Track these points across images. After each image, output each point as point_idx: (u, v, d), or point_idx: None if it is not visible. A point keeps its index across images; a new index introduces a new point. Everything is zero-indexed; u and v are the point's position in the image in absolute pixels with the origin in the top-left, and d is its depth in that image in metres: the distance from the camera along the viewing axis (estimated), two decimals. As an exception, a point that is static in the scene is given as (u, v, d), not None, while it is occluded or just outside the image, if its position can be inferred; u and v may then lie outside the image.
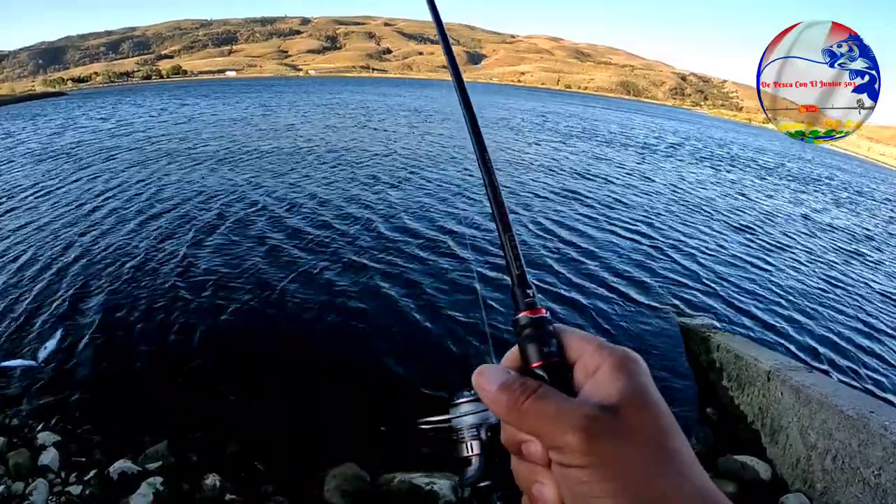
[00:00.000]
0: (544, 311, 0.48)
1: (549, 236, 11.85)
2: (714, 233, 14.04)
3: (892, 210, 25.01)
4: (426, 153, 21.85)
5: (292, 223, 11.64)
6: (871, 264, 13.78)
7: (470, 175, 17.39)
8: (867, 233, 18.10)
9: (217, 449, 5.00)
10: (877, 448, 3.74)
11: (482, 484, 0.52)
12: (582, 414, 0.39)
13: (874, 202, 26.90)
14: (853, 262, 13.73)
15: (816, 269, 12.33)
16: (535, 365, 0.45)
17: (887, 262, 14.30)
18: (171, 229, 11.08)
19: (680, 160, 29.24)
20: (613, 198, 16.65)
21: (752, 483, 4.76)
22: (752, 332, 8.36)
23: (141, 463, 4.58)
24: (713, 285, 10.10)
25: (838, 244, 15.40)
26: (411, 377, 6.39)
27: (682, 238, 13.04)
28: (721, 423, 5.88)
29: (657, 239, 12.62)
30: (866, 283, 12.00)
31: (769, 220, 16.99)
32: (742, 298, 9.68)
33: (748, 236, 14.25)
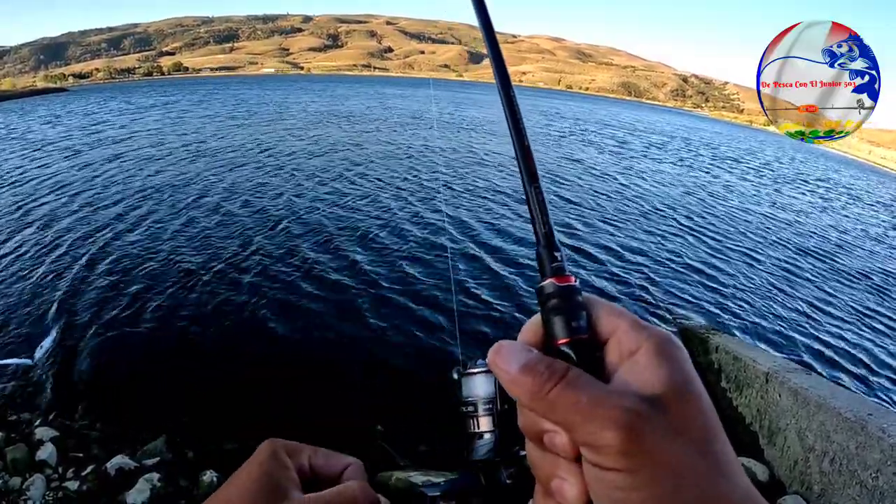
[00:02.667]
0: (573, 278, 0.40)
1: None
2: (712, 234, 14.04)
3: (891, 213, 25.05)
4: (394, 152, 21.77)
5: (288, 222, 11.61)
6: (870, 266, 13.79)
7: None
8: (866, 234, 18.14)
9: (214, 445, 4.99)
10: (874, 451, 3.74)
11: (491, 460, 0.47)
12: (623, 407, 0.33)
13: (873, 204, 26.93)
14: (853, 264, 13.73)
15: (816, 271, 12.33)
16: (561, 342, 0.38)
17: (886, 264, 14.33)
18: (168, 225, 11.04)
19: (676, 160, 29.23)
20: (612, 195, 16.68)
21: (750, 485, 4.75)
22: (750, 333, 8.36)
23: (138, 459, 4.57)
24: (712, 286, 10.10)
25: (837, 246, 15.42)
26: (409, 374, 6.39)
27: (682, 238, 13.04)
28: (719, 425, 5.88)
29: (656, 239, 12.62)
30: (866, 286, 12.02)
31: (767, 221, 17.01)
32: (741, 299, 9.68)
33: (747, 238, 14.25)
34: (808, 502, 4.28)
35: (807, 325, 9.08)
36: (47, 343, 6.53)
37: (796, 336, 8.63)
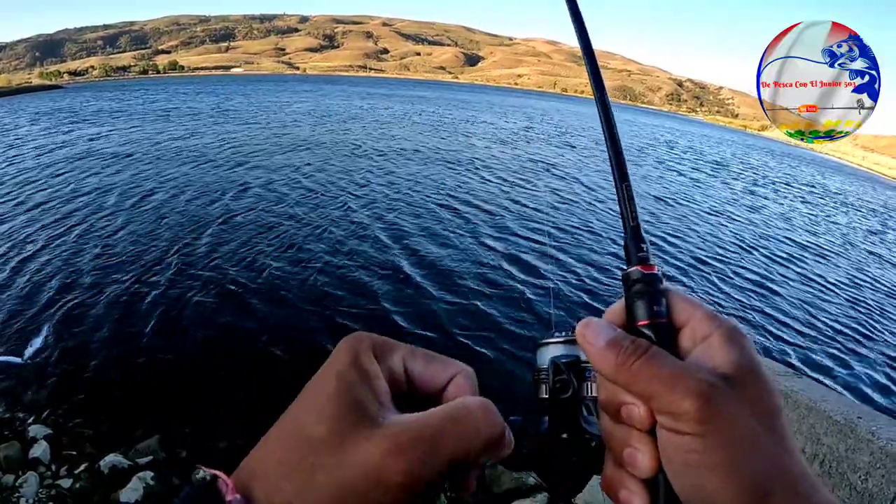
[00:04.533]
0: (656, 267, 0.44)
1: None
2: (706, 236, 14.11)
3: (883, 217, 25.25)
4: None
5: (283, 220, 11.61)
6: (861, 270, 13.90)
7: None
8: (858, 238, 18.27)
9: (208, 444, 4.99)
10: (864, 453, 3.76)
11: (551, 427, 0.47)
12: (700, 379, 0.36)
13: (863, 209, 27.13)
14: (844, 267, 13.85)
15: (807, 274, 12.42)
16: (641, 323, 0.42)
17: (877, 268, 14.45)
18: (160, 224, 11.02)
19: (672, 165, 29.36)
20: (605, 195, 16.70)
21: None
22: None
23: (132, 457, 4.58)
24: (704, 289, 10.14)
25: (829, 249, 15.53)
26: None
27: (673, 241, 13.10)
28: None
29: (655, 242, 12.60)
30: (857, 289, 12.11)
31: (760, 224, 17.10)
32: (733, 303, 9.73)
33: (739, 240, 14.33)
34: (798, 504, 4.29)
35: (797, 329, 9.14)
36: (37, 342, 6.51)
37: (786, 339, 8.68)
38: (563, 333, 0.49)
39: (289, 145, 22.23)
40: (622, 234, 0.46)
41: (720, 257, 12.49)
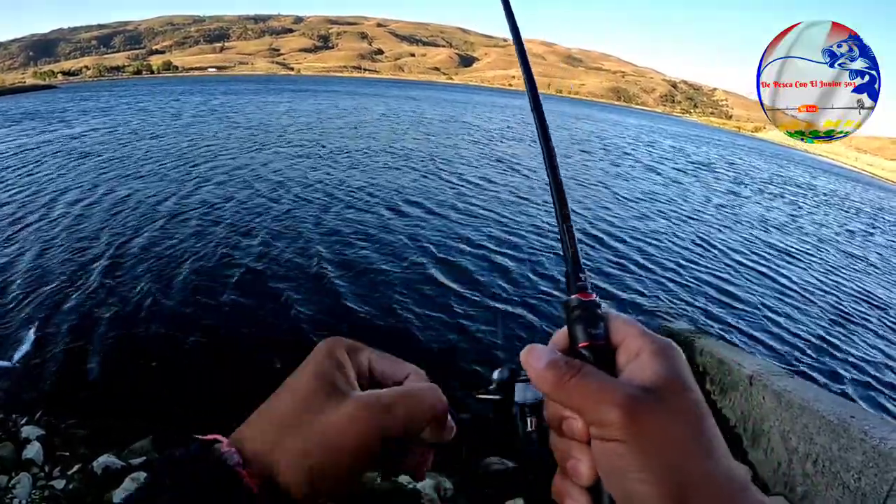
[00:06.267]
0: (594, 295, 0.49)
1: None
2: (698, 238, 14.16)
3: (872, 218, 25.43)
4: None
5: (278, 218, 11.59)
6: (854, 270, 14.00)
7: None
8: (852, 239, 18.39)
9: (202, 445, 4.94)
10: (857, 452, 3.78)
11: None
12: (624, 392, 0.41)
13: (854, 210, 27.31)
14: (836, 267, 13.93)
15: (799, 275, 12.47)
16: (582, 345, 0.47)
17: (870, 269, 14.56)
18: (154, 223, 10.94)
19: (669, 167, 29.46)
20: (603, 198, 16.76)
21: (734, 486, 4.78)
22: (735, 336, 8.43)
23: (125, 458, 4.54)
24: (697, 289, 10.19)
25: (824, 249, 15.63)
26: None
27: (667, 242, 13.15)
28: (704, 427, 5.90)
29: (641, 243, 12.70)
30: (850, 289, 12.19)
31: (753, 225, 17.18)
32: (725, 302, 9.77)
33: (732, 241, 14.39)
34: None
35: (791, 329, 9.18)
36: (26, 346, 6.45)
37: (780, 339, 8.72)
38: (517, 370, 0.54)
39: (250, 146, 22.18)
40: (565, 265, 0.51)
41: (708, 254, 12.58)
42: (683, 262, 11.76)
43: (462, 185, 16.69)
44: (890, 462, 3.55)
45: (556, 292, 8.96)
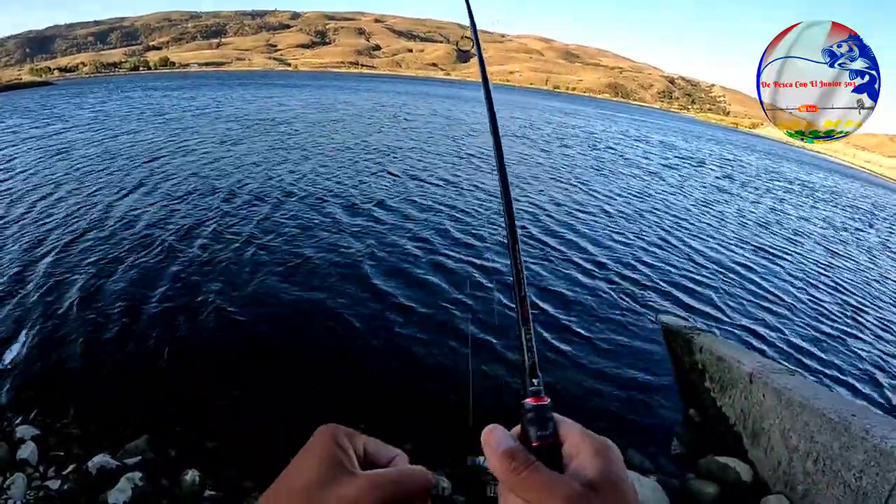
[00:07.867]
0: (547, 398, 0.58)
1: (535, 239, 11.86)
2: (698, 235, 14.16)
3: (870, 215, 25.45)
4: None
5: (275, 217, 11.54)
6: (853, 267, 14.00)
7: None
8: (849, 236, 18.39)
9: (197, 444, 4.96)
10: (858, 451, 3.77)
11: None
12: (568, 487, 0.47)
13: (851, 207, 27.34)
14: (836, 264, 13.93)
15: (799, 272, 12.47)
16: (534, 444, 0.54)
17: (870, 266, 14.55)
18: (148, 221, 10.90)
19: (668, 166, 29.45)
20: (600, 196, 16.73)
21: (734, 484, 4.79)
22: (734, 333, 8.42)
23: (120, 458, 4.54)
24: (697, 286, 10.18)
25: (821, 246, 15.62)
26: (398, 374, 6.37)
27: (667, 239, 13.13)
28: (703, 425, 5.91)
29: (642, 239, 12.68)
30: (849, 286, 12.18)
31: (752, 223, 17.19)
32: (725, 300, 9.76)
33: (732, 239, 14.39)
34: (792, 502, 4.31)
35: (790, 326, 9.17)
36: (16, 347, 6.41)
37: (780, 336, 8.70)
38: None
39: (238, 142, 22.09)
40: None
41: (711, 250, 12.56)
42: (679, 260, 11.75)
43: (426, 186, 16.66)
44: (892, 461, 3.54)
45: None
